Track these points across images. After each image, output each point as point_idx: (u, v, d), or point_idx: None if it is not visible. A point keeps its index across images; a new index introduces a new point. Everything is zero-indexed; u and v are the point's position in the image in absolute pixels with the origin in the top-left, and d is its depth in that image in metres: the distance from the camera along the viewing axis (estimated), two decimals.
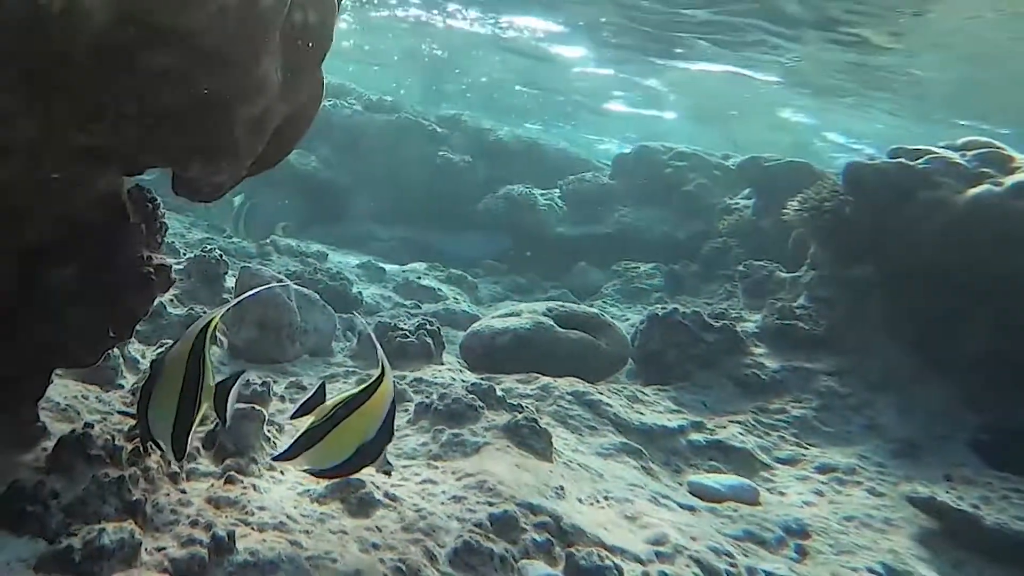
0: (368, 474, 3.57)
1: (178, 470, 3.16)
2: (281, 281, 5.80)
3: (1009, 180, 6.18)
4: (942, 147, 6.99)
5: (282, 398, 4.41)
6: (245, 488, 3.19)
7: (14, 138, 2.24)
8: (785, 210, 8.08)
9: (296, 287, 6.06)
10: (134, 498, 2.70)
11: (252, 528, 2.90)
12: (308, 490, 3.34)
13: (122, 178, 3.01)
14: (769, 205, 10.07)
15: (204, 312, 5.29)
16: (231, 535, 2.69)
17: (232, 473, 3.24)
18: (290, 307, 5.68)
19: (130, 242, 3.09)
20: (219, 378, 2.65)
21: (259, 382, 4.20)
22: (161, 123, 2.39)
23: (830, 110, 20.74)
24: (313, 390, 2.48)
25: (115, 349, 4.00)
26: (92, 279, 2.94)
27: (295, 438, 2.45)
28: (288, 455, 2.45)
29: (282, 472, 3.47)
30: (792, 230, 8.44)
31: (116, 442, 2.91)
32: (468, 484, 3.61)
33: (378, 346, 2.46)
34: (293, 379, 4.91)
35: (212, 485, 3.17)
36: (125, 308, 3.07)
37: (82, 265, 2.91)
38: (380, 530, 3.09)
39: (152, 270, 3.13)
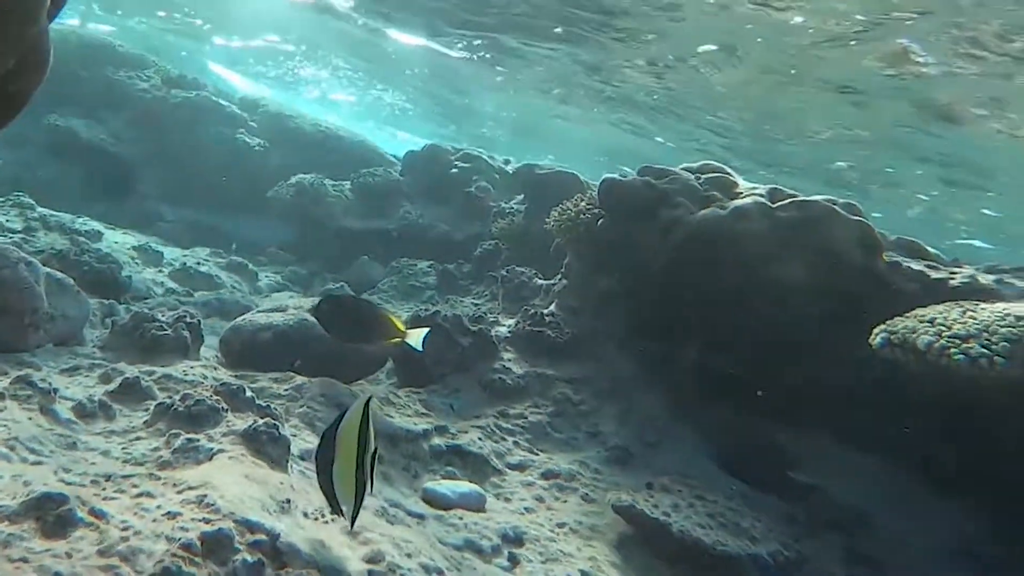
0: (77, 491, 3.19)
1: None
2: (29, 263, 5.13)
3: (731, 204, 6.45)
4: (683, 168, 7.18)
5: (1, 395, 3.85)
6: None
7: None
8: (547, 220, 8.10)
9: (48, 271, 5.40)
10: None
11: None
12: (2, 507, 2.91)
13: None
14: (538, 211, 10.01)
15: None
16: None
17: None
18: (36, 292, 5.04)
19: None
20: None
21: None
22: None
23: None
24: None
25: None
26: None
27: None
28: None
29: None
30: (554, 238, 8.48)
31: None
32: (188, 498, 3.28)
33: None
34: (25, 372, 4.32)
35: None
36: None
37: None
38: (71, 555, 2.72)
39: None
